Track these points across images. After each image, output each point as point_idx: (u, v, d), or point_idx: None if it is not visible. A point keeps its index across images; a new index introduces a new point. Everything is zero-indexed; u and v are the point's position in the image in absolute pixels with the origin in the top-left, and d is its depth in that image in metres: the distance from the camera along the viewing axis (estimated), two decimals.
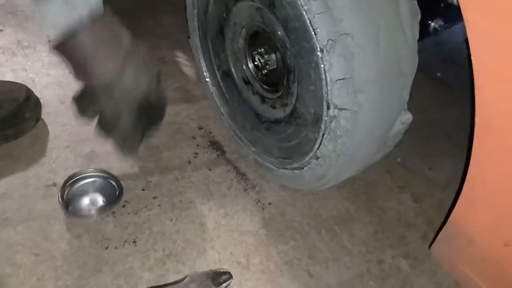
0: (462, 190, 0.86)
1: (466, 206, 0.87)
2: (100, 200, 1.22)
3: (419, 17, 0.94)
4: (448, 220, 0.91)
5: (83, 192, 1.23)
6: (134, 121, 1.03)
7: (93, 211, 1.19)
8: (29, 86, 1.47)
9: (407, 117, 1.03)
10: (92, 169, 1.27)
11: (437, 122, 1.64)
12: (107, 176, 1.26)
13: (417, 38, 0.95)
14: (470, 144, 0.82)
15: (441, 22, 1.23)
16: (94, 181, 1.26)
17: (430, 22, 1.23)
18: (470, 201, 0.86)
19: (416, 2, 0.94)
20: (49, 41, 0.96)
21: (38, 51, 1.69)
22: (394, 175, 1.43)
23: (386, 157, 1.18)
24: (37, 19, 1.80)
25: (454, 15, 1.24)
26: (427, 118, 1.60)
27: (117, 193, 1.22)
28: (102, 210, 1.19)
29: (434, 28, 1.24)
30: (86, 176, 1.26)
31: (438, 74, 1.80)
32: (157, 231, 1.17)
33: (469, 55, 1.56)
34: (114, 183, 1.24)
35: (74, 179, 1.25)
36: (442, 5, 1.19)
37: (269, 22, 1.05)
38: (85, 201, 1.22)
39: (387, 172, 1.44)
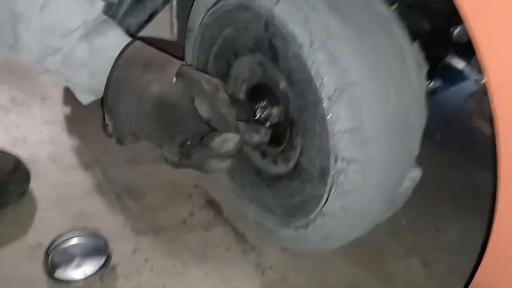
0: (486, 253, 0.79)
1: (490, 270, 0.80)
2: (86, 264, 1.12)
3: (425, 70, 0.93)
4: (470, 286, 0.84)
5: (69, 255, 1.14)
6: None
7: (78, 276, 1.09)
8: (21, 143, 1.43)
9: (416, 173, 0.99)
10: (79, 231, 1.19)
11: (440, 183, 1.59)
12: (95, 238, 1.17)
13: (425, 91, 0.93)
14: (492, 203, 0.76)
15: (439, 83, 1.23)
16: (80, 244, 1.17)
17: (428, 82, 1.22)
18: (494, 264, 0.79)
19: (422, 55, 0.93)
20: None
21: (32, 108, 1.66)
22: (401, 238, 1.36)
23: (390, 218, 1.12)
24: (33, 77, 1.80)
25: (453, 75, 1.24)
26: (429, 179, 1.56)
27: (104, 256, 1.13)
28: (88, 274, 1.09)
29: (433, 89, 1.23)
30: (72, 238, 1.17)
31: (438, 136, 1.79)
32: None
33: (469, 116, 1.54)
34: (101, 246, 1.15)
35: (60, 241, 1.15)
36: (440, 66, 1.19)
37: (272, 75, 1.03)
38: (71, 264, 1.12)
39: (393, 235, 1.36)
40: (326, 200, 0.96)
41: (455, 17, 1.12)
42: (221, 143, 0.88)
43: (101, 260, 1.11)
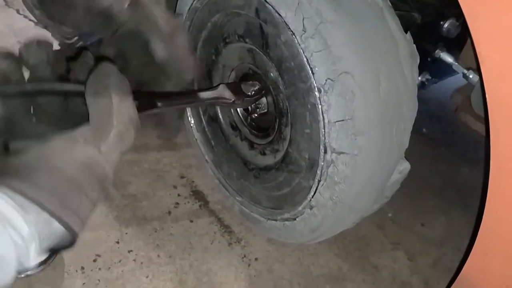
0: (474, 246, 0.78)
1: (478, 263, 0.79)
2: None
3: (418, 60, 0.92)
4: (458, 279, 0.83)
5: None
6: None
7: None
8: None
9: (405, 165, 0.98)
10: None
11: (426, 177, 1.60)
12: None
13: (417, 81, 0.92)
14: (482, 197, 0.75)
15: (428, 76, 1.22)
16: None
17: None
18: (483, 257, 0.79)
19: (415, 45, 0.91)
20: None
21: None
22: (387, 230, 1.36)
23: (377, 211, 1.12)
24: None
25: (441, 69, 1.23)
26: (415, 173, 1.56)
27: None
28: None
29: (422, 82, 1.22)
30: None
31: (424, 130, 1.79)
32: None
33: (455, 110, 1.54)
34: None
35: None
36: (429, 59, 1.18)
37: (261, 63, 1.01)
38: None
39: (379, 228, 1.36)
40: (315, 192, 0.94)
41: (445, 11, 1.13)
42: None
43: None
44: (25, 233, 0.49)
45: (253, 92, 1.02)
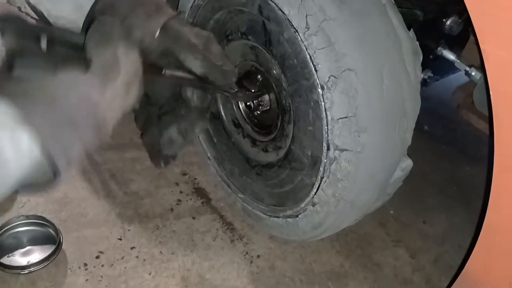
0: (476, 244, 0.78)
1: (481, 260, 0.80)
2: (35, 252, 1.09)
3: (421, 57, 0.92)
4: (460, 275, 0.84)
5: (15, 242, 1.11)
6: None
7: (23, 263, 1.06)
8: None
9: (407, 163, 0.98)
10: (25, 216, 1.14)
11: (427, 174, 1.60)
12: (43, 223, 1.13)
13: (420, 78, 0.92)
14: (485, 195, 0.75)
15: (430, 74, 1.23)
16: (28, 230, 1.13)
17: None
18: (487, 254, 0.79)
19: (417, 43, 0.91)
20: None
21: None
22: (388, 228, 1.36)
23: (379, 209, 1.12)
24: None
25: (443, 67, 1.23)
26: (417, 170, 1.56)
27: (54, 245, 1.08)
28: (32, 262, 1.05)
29: (424, 79, 1.22)
30: (19, 224, 1.13)
31: (426, 127, 1.79)
32: (134, 286, 1.05)
33: (457, 108, 1.54)
34: (51, 231, 1.12)
35: (5, 228, 1.12)
36: (431, 57, 1.18)
37: (264, 60, 1.01)
38: (19, 251, 1.09)
39: (380, 225, 1.36)
40: (317, 189, 0.94)
41: (448, 8, 1.13)
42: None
43: (51, 249, 1.08)
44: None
45: (256, 89, 1.02)
